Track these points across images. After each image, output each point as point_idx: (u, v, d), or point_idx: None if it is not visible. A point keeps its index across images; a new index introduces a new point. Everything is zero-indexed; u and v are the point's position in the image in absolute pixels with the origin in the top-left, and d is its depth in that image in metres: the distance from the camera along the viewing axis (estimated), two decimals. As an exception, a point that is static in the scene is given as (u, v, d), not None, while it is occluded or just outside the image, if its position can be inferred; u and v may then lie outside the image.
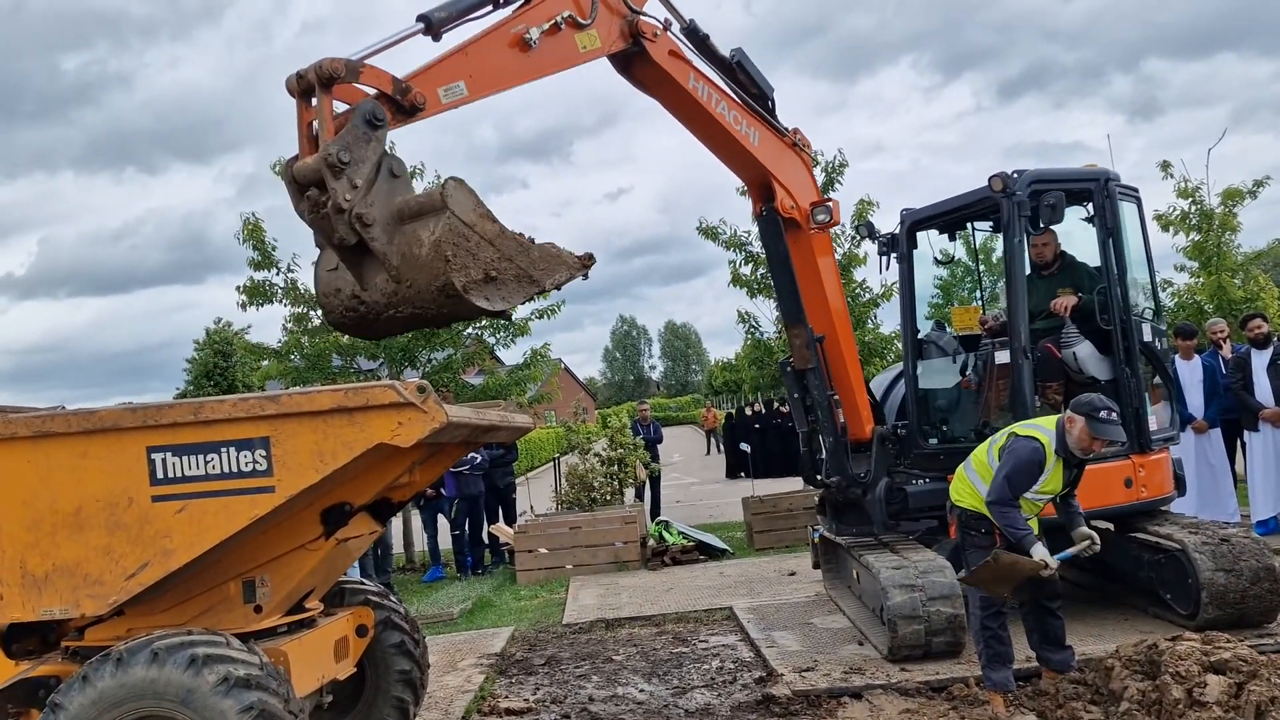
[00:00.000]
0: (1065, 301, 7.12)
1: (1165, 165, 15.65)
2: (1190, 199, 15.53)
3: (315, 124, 4.09)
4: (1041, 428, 5.43)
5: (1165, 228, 15.86)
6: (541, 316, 14.55)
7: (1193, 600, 6.28)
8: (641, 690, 6.47)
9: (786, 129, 7.36)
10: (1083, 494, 5.77)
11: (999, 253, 16.63)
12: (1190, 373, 10.17)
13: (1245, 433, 10.10)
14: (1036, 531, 5.35)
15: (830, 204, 7.64)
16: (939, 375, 7.95)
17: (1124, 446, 6.78)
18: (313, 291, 4.50)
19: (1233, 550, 6.21)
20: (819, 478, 8.04)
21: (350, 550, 4.95)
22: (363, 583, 5.59)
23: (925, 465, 7.49)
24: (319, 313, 13.81)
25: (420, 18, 4.58)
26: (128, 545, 3.97)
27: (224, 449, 3.94)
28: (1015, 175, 6.94)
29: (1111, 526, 7.16)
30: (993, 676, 5.38)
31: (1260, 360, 9.74)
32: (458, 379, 14.31)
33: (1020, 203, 6.89)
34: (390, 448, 3.96)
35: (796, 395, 7.87)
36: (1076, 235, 7.61)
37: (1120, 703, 4.51)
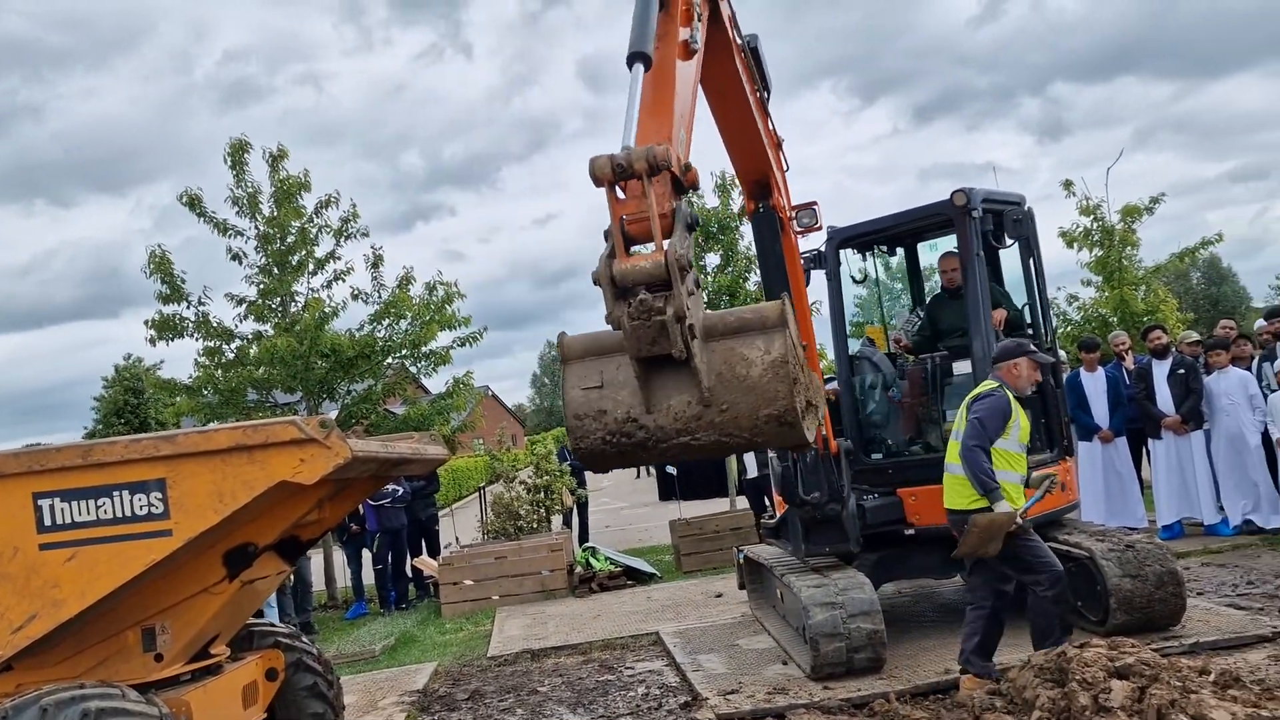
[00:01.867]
0: (997, 315, 7.34)
1: (1068, 184, 16.23)
2: (1092, 216, 16.12)
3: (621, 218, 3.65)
4: (989, 385, 5.87)
5: (1070, 244, 16.42)
6: (464, 344, 14.44)
7: (1102, 606, 6.46)
8: (566, 721, 6.40)
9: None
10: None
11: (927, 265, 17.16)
12: (1095, 384, 10.50)
13: (1149, 441, 10.45)
14: (1023, 501, 5.73)
15: (815, 207, 7.64)
16: (873, 390, 8.06)
17: (1054, 453, 7.16)
18: (567, 404, 3.72)
19: (1138, 556, 6.40)
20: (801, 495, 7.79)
21: (258, 592, 4.81)
22: (273, 624, 5.43)
23: (870, 481, 7.54)
24: (232, 345, 13.54)
25: (638, 57, 4.06)
26: (13, 597, 3.80)
27: (116, 492, 3.81)
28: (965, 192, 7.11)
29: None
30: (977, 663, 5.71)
31: (1161, 370, 10.09)
32: (378, 410, 14.08)
33: (979, 218, 7.09)
34: (294, 485, 3.86)
35: None
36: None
37: (1033, 711, 4.59)
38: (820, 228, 7.67)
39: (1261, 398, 9.67)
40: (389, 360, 14.22)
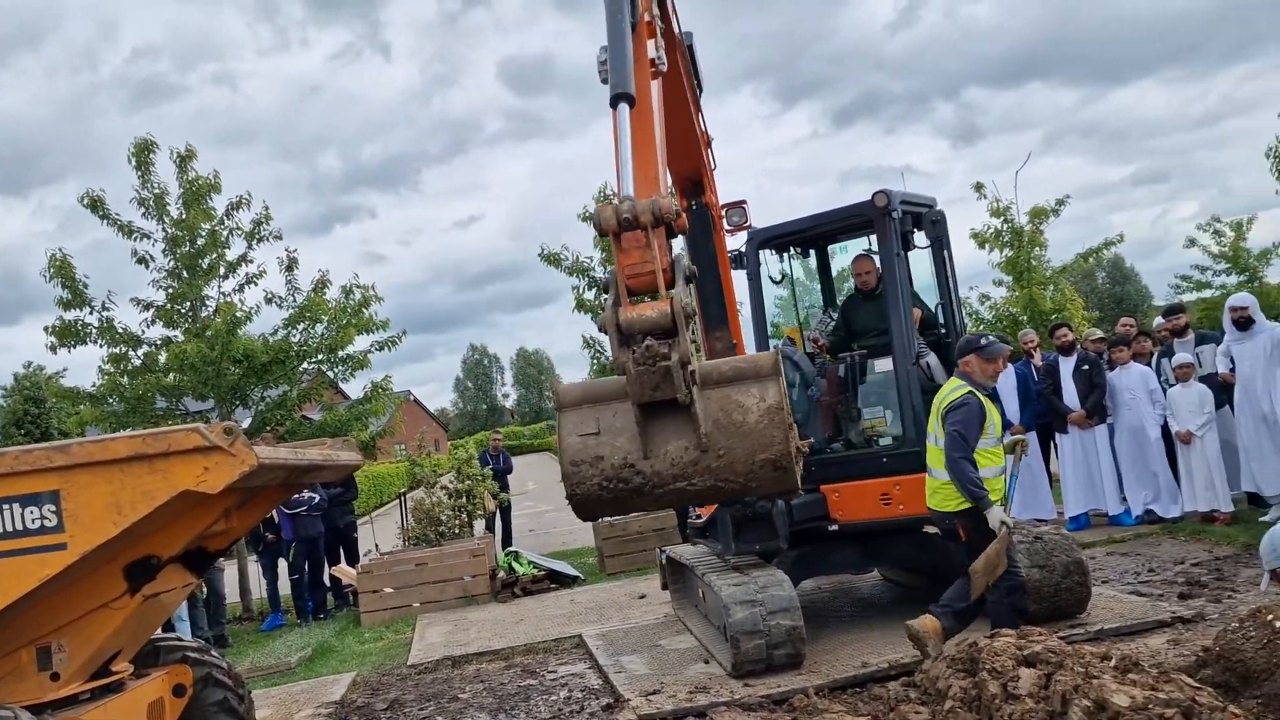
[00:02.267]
0: (913, 315, 7.50)
1: (979, 186, 16.67)
2: (1002, 218, 16.59)
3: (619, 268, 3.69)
4: (958, 386, 6.03)
5: (981, 245, 16.88)
6: (382, 348, 14.22)
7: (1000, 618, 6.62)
8: (487, 728, 6.33)
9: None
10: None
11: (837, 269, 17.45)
12: (1005, 381, 10.77)
13: (1056, 435, 10.77)
14: (1004, 495, 5.93)
15: (745, 205, 7.63)
16: (793, 389, 8.13)
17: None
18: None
19: (1045, 547, 6.59)
20: None
21: (163, 605, 4.65)
22: (180, 639, 5.27)
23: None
24: (139, 352, 13.11)
25: (623, 98, 4.10)
26: (-105, 618, 3.61)
27: (6, 505, 3.64)
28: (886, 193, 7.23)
29: (938, 532, 7.50)
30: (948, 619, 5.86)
31: (1067, 366, 10.41)
32: (294, 416, 13.78)
33: (899, 219, 7.22)
34: (198, 495, 3.75)
35: None
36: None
37: (945, 701, 4.68)
38: (750, 226, 7.73)
39: (1161, 392, 10.04)
40: (305, 365, 13.94)
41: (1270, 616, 5.00)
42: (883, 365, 7.58)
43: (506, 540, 15.03)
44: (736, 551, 7.22)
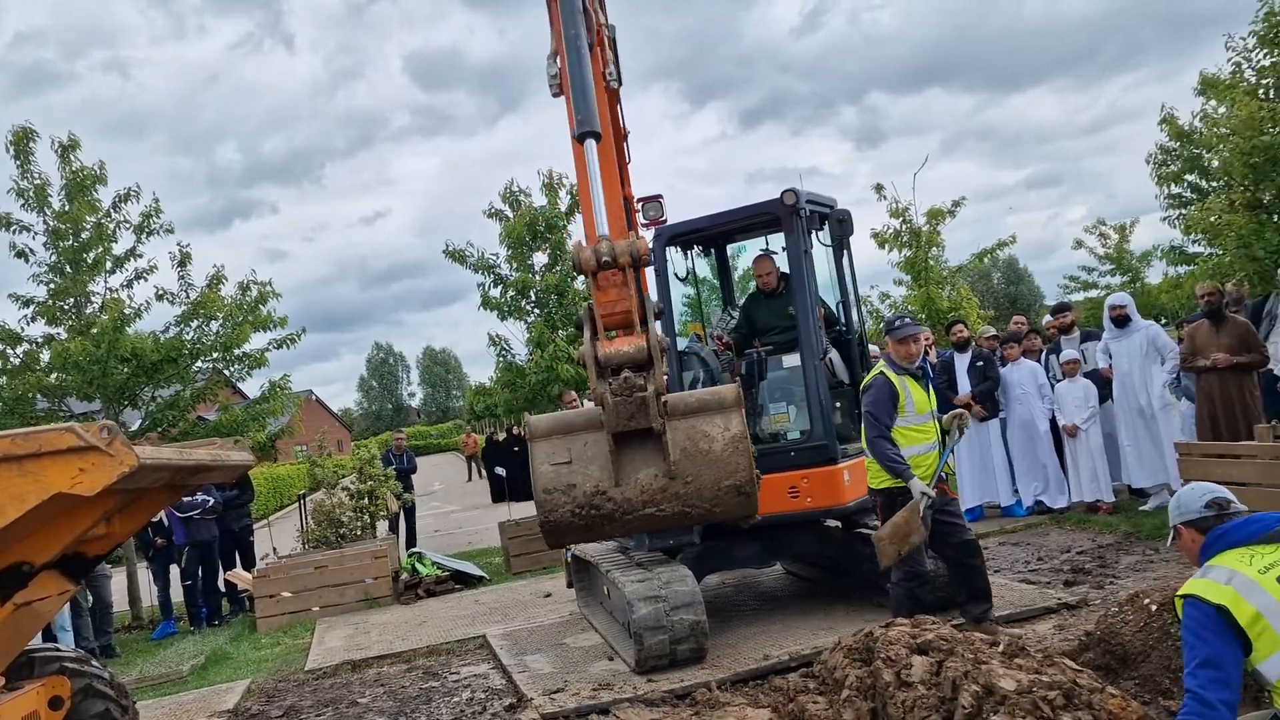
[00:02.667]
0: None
1: (879, 188, 17.05)
2: (901, 219, 17.00)
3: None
4: (875, 369, 6.34)
5: (881, 245, 17.27)
6: (280, 346, 13.84)
7: (896, 604, 6.79)
8: (387, 732, 6.20)
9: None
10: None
11: (743, 269, 17.68)
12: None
13: (953, 429, 11.07)
14: (933, 470, 6.13)
15: (661, 200, 7.60)
16: (699, 385, 8.17)
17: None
18: (537, 483, 3.81)
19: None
20: None
21: (38, 614, 4.43)
22: (58, 649, 5.03)
23: None
24: (18, 350, 12.49)
25: (591, 135, 4.18)
26: None
27: None
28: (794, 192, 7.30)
29: (840, 525, 7.65)
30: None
31: (962, 362, 10.72)
32: (187, 417, 13.30)
33: (809, 217, 7.30)
34: (73, 497, 3.57)
35: None
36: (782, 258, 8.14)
37: (842, 690, 4.77)
38: (665, 220, 7.74)
39: (1050, 387, 10.42)
40: (199, 364, 13.46)
41: (1147, 600, 5.23)
42: (790, 361, 7.70)
43: (410, 541, 14.78)
44: (650, 548, 7.24)
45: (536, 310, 14.77)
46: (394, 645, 8.64)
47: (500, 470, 17.00)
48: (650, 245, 4.00)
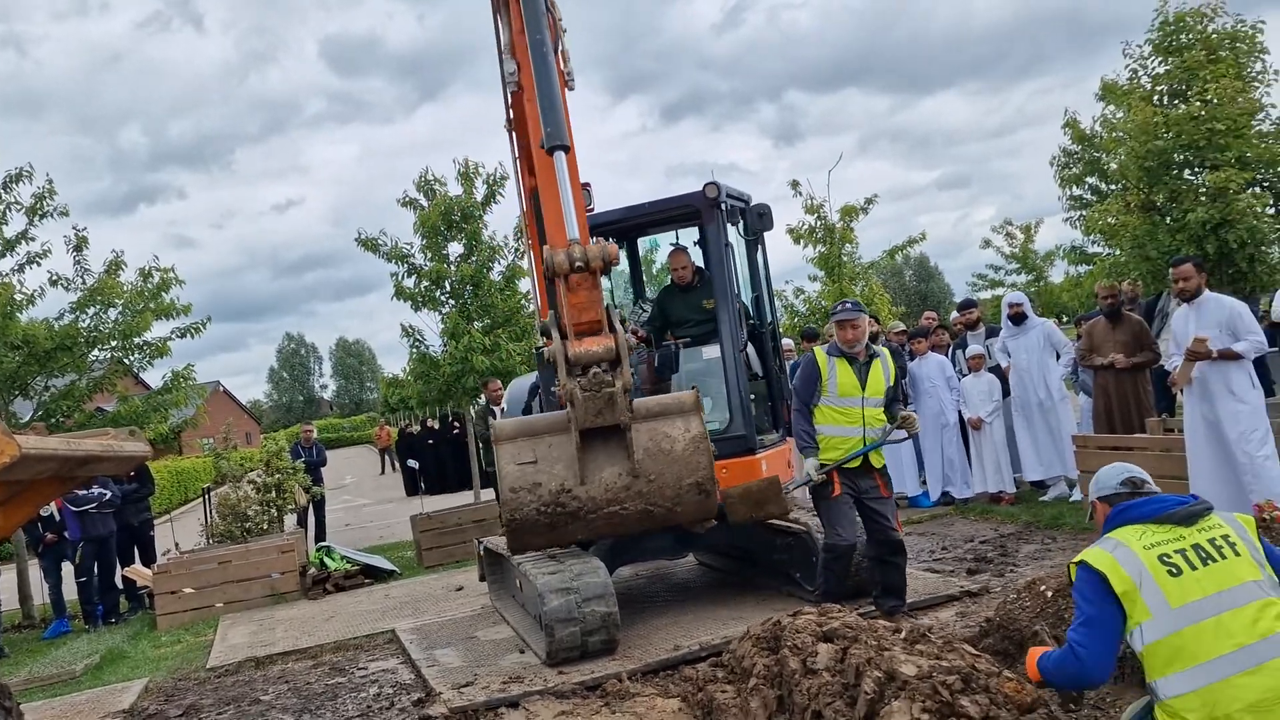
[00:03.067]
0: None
1: (794, 184, 17.27)
2: (816, 215, 17.25)
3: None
4: (816, 348, 6.55)
5: (797, 240, 17.49)
6: (184, 335, 13.41)
7: (818, 576, 6.90)
8: (291, 729, 6.06)
9: None
10: None
11: (659, 264, 17.73)
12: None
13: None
14: (845, 453, 6.27)
15: (589, 188, 7.52)
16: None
17: (780, 434, 7.58)
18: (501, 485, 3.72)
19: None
20: None
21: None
22: (-65, 649, 4.78)
23: None
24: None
25: (561, 148, 4.26)
26: None
27: None
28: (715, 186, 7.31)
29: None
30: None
31: (872, 357, 10.92)
32: (83, 408, 12.78)
33: (731, 210, 7.32)
34: (-51, 489, 3.39)
35: (554, 388, 7.39)
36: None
37: (750, 679, 4.81)
38: (593, 209, 7.70)
39: (957, 380, 10.69)
40: (96, 353, 12.96)
41: (1043, 587, 5.40)
42: (710, 353, 7.75)
43: (320, 535, 14.48)
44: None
45: (451, 301, 14.58)
46: (300, 641, 8.45)
47: (413, 463, 16.79)
48: (617, 250, 4.04)
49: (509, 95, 6.37)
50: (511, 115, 6.47)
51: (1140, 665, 3.31)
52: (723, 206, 7.37)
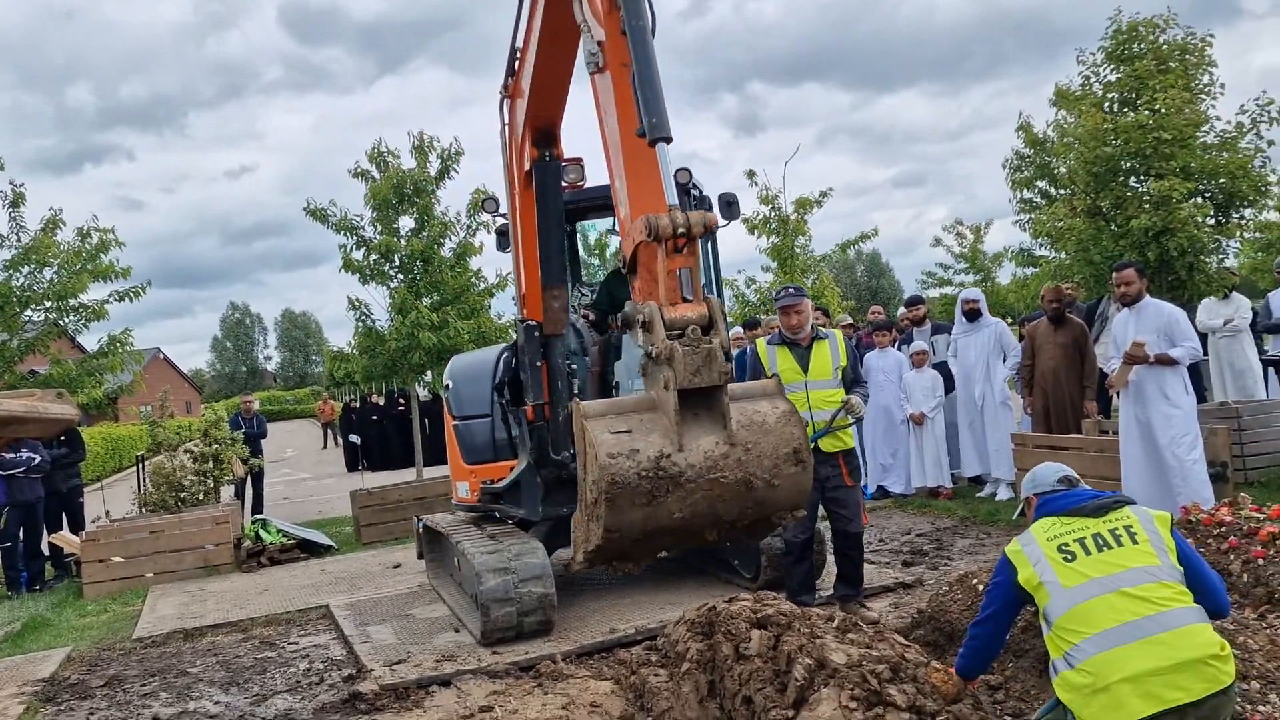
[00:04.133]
0: None
1: (750, 174, 17.30)
2: (770, 206, 17.30)
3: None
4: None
5: (751, 231, 17.54)
6: (123, 299, 13.09)
7: (754, 565, 6.95)
8: (216, 702, 5.95)
9: None
10: None
11: (613, 247, 17.65)
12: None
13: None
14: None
15: (582, 163, 7.39)
16: (576, 357, 8.09)
17: None
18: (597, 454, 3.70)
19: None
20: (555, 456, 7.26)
21: None
22: None
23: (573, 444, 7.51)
24: None
25: (665, 139, 4.18)
26: None
27: None
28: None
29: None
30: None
31: (819, 349, 10.98)
32: (14, 369, 12.42)
33: (701, 199, 7.32)
34: None
35: (540, 363, 7.15)
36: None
37: (683, 663, 4.83)
38: (584, 184, 7.58)
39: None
40: (29, 313, 12.60)
41: (975, 581, 5.49)
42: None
43: (257, 508, 14.26)
44: (544, 515, 7.09)
45: (400, 276, 14.39)
46: (231, 614, 8.31)
47: (354, 438, 16.58)
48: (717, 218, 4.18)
49: (513, 61, 6.22)
50: (525, 86, 6.21)
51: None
52: (692, 192, 7.36)
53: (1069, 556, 3.47)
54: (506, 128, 6.82)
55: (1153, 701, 3.19)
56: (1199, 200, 10.70)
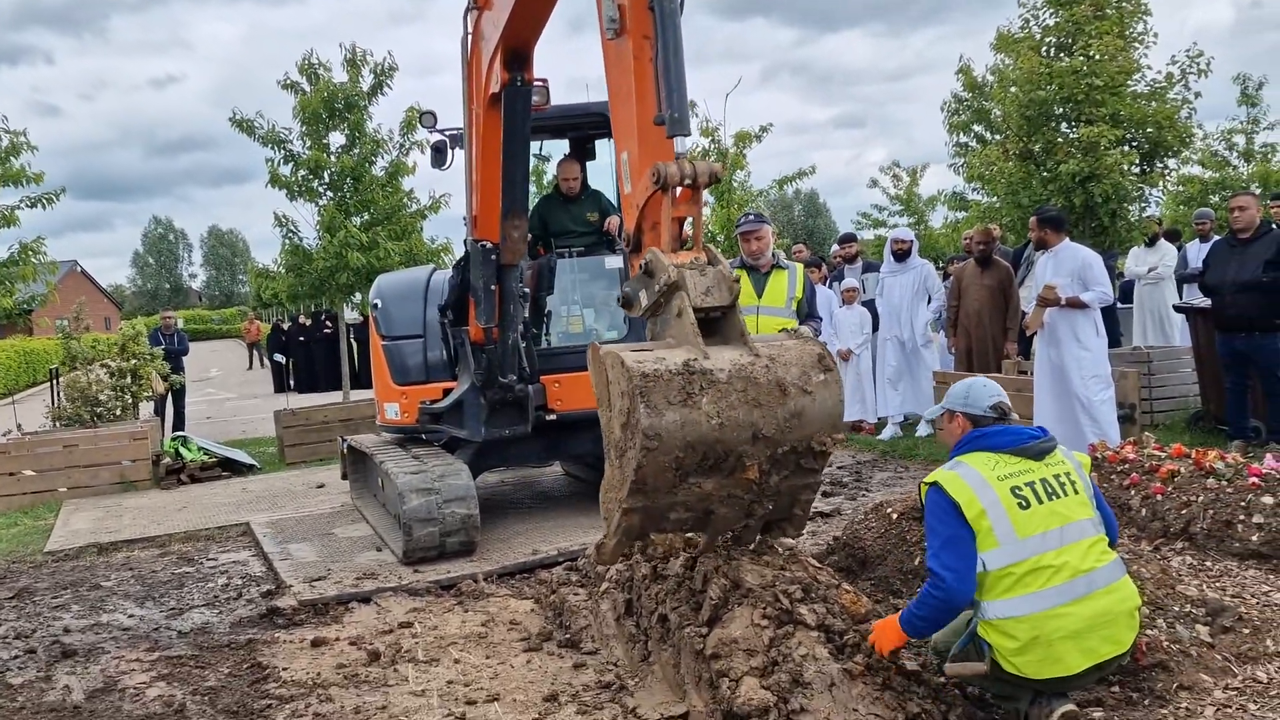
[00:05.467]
0: (611, 222, 7.70)
1: (691, 105, 17.11)
2: (711, 138, 17.20)
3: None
4: None
5: (690, 162, 17.42)
6: (34, 206, 12.56)
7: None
8: (131, 615, 5.88)
9: None
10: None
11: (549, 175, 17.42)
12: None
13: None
14: None
15: (546, 84, 7.17)
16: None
17: None
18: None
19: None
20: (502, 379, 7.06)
21: None
22: None
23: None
24: None
25: (679, 134, 4.02)
26: None
27: None
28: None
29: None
30: None
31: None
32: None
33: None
34: None
35: (494, 288, 6.94)
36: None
37: (602, 583, 4.91)
38: (548, 106, 7.38)
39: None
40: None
41: (889, 510, 5.65)
42: (613, 263, 7.71)
43: (178, 425, 13.98)
44: (487, 436, 7.03)
45: (329, 193, 14.03)
46: (148, 530, 8.19)
47: (280, 358, 16.28)
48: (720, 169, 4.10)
49: None
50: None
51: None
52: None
53: (1023, 503, 3.38)
54: (470, 37, 6.54)
55: (1090, 656, 3.35)
56: (1125, 148, 10.92)
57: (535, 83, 6.58)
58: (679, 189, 3.96)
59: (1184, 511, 5.57)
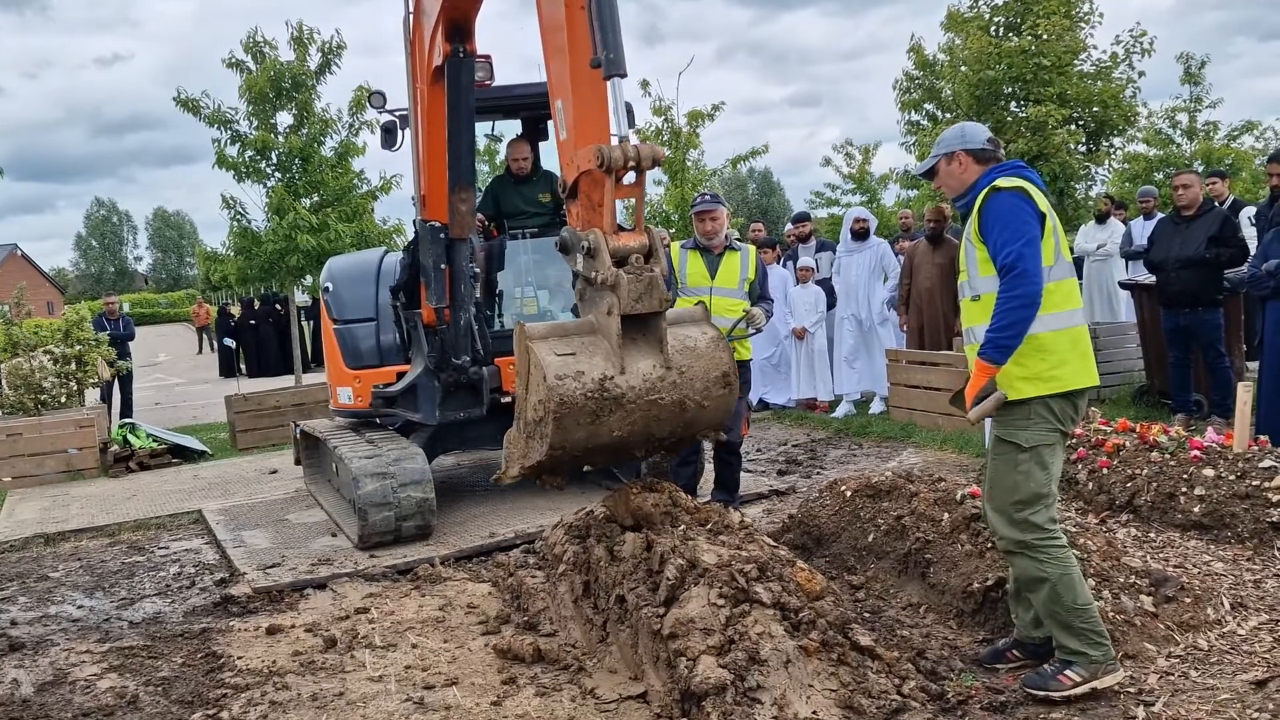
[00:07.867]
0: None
1: (644, 84, 17.06)
2: (663, 117, 17.15)
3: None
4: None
5: (643, 141, 17.36)
6: (-30, 188, 12.20)
7: (634, 470, 7.06)
8: (80, 606, 5.78)
9: None
10: None
11: (501, 155, 17.27)
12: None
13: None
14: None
15: (489, 60, 7.07)
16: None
17: None
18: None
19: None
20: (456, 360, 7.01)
21: None
22: None
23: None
24: None
25: (621, 75, 4.21)
26: None
27: None
28: None
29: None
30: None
31: (707, 262, 11.07)
32: None
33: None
34: None
35: (444, 267, 6.87)
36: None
37: (559, 565, 4.91)
38: (491, 83, 7.29)
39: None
40: None
41: (844, 488, 5.71)
42: None
43: (125, 412, 13.73)
44: (441, 419, 6.98)
45: (278, 174, 13.80)
46: (97, 519, 8.04)
47: (230, 342, 16.03)
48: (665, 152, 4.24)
49: None
50: None
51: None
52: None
53: (1057, 231, 3.71)
54: (412, 15, 6.48)
55: (1094, 378, 3.78)
56: (1072, 127, 11.08)
57: (478, 58, 6.57)
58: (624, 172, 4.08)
59: (1129, 484, 5.71)
